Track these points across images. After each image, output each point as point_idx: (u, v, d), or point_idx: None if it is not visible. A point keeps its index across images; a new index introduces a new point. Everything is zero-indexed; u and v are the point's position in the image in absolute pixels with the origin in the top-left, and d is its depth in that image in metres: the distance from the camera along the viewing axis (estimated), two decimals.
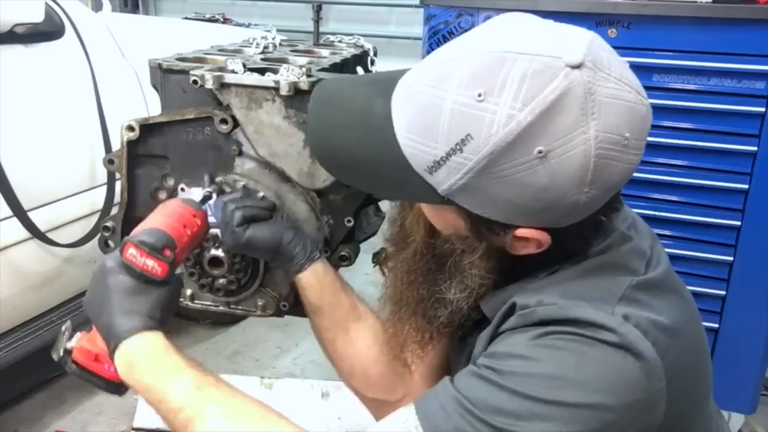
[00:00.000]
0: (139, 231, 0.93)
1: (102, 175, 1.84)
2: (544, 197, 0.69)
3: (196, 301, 1.27)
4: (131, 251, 0.90)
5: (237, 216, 1.03)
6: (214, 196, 1.10)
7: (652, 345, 0.71)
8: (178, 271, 1.22)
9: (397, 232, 0.94)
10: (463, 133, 0.67)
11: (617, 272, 0.78)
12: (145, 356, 0.84)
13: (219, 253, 1.18)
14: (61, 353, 0.93)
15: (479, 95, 0.66)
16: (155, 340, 0.86)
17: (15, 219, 1.62)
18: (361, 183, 0.84)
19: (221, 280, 1.20)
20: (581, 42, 0.68)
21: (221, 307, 1.27)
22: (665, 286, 0.80)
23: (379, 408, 1.07)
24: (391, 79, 0.77)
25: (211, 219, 1.07)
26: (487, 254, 0.80)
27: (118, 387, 0.91)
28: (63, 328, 0.95)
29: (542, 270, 0.80)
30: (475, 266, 0.81)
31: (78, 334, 0.94)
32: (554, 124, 0.65)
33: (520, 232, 0.74)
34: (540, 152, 0.66)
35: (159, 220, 0.96)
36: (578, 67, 0.65)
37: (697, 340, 0.83)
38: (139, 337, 0.85)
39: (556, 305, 0.74)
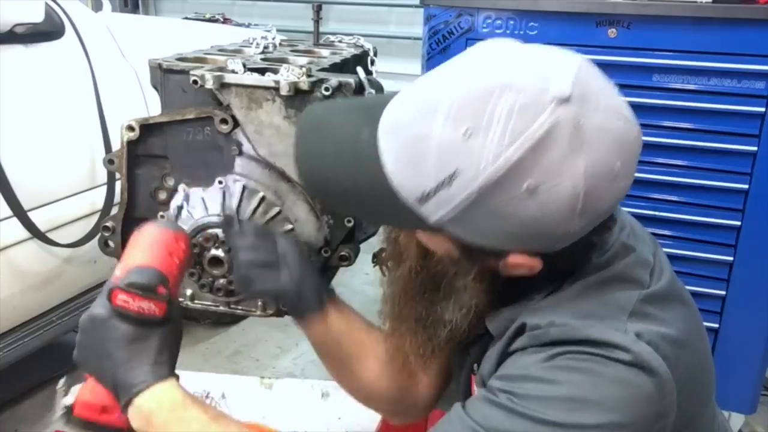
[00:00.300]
0: (125, 272, 0.84)
1: (102, 175, 1.84)
2: (535, 228, 0.69)
3: (196, 301, 1.27)
4: (122, 297, 0.82)
5: (246, 266, 1.03)
6: (185, 204, 1.06)
7: (664, 359, 0.72)
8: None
9: (392, 248, 0.94)
10: (451, 169, 0.67)
11: (624, 285, 0.78)
12: (162, 412, 0.81)
13: (219, 253, 1.18)
14: (62, 413, 0.86)
15: (466, 131, 0.65)
16: (171, 392, 0.83)
17: (15, 219, 1.62)
18: (350, 211, 0.85)
19: (221, 280, 1.20)
20: (569, 72, 0.67)
21: (221, 307, 1.27)
22: (671, 296, 0.80)
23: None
24: (379, 105, 0.76)
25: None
26: (480, 276, 0.80)
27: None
28: (58, 385, 0.91)
29: (543, 287, 0.80)
30: (469, 287, 0.81)
31: (75, 389, 0.87)
32: (542, 159, 0.65)
33: (512, 258, 0.74)
34: (529, 187, 0.65)
35: (142, 254, 0.88)
36: (565, 101, 0.65)
37: (702, 346, 0.83)
38: (151, 392, 0.82)
39: (568, 326, 0.73)
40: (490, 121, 0.65)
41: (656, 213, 1.62)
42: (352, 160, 0.76)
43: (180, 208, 1.11)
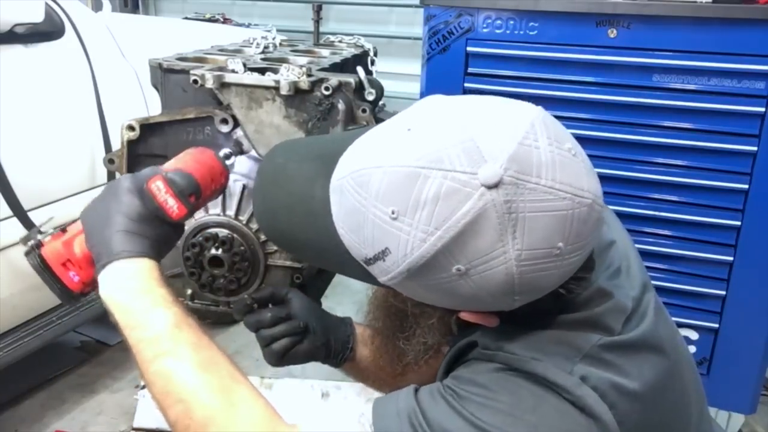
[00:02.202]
0: (172, 168, 0.92)
1: (102, 175, 1.84)
2: (477, 302, 0.68)
3: (196, 301, 1.27)
4: (158, 184, 0.89)
5: (270, 343, 1.07)
6: (233, 157, 1.11)
7: (610, 408, 0.69)
8: (181, 269, 1.22)
9: None
10: (383, 246, 0.67)
11: (587, 329, 0.74)
12: (137, 280, 0.84)
13: (219, 252, 1.18)
14: (31, 243, 0.91)
15: (393, 213, 0.64)
16: (153, 268, 0.86)
17: (15, 219, 1.62)
18: (311, 262, 0.86)
19: (221, 280, 1.20)
20: (505, 147, 0.63)
21: (221, 307, 1.27)
22: (643, 345, 0.76)
23: None
24: (334, 155, 0.75)
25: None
26: (443, 317, 0.80)
27: (71, 297, 0.90)
28: (40, 222, 0.94)
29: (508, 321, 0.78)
30: (434, 328, 0.81)
31: (52, 231, 0.92)
32: (469, 246, 0.63)
33: (464, 315, 0.74)
34: (459, 270, 0.64)
35: (192, 165, 0.95)
36: (495, 186, 0.62)
37: (671, 398, 0.79)
38: (137, 261, 0.85)
39: (516, 356, 0.73)
40: (416, 204, 0.63)
41: (656, 213, 1.62)
42: (305, 215, 0.77)
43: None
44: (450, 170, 0.62)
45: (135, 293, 0.83)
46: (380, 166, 0.66)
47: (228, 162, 1.07)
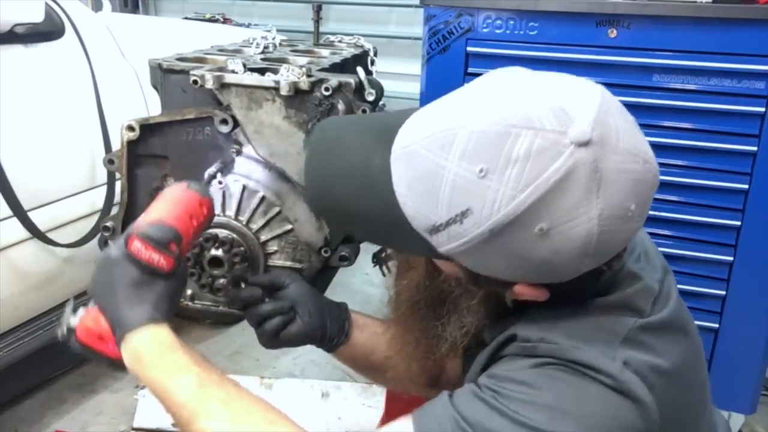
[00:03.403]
0: (144, 222, 0.90)
1: (102, 175, 1.84)
2: (544, 267, 0.69)
3: (196, 301, 1.27)
4: (136, 245, 0.88)
5: (264, 322, 1.09)
6: (219, 175, 1.10)
7: (650, 390, 0.71)
8: None
9: (400, 260, 0.94)
10: (464, 207, 0.66)
11: (622, 312, 0.76)
12: (150, 351, 0.85)
13: (219, 253, 1.18)
14: (65, 331, 0.94)
15: (481, 171, 0.65)
16: (161, 334, 0.86)
17: (15, 219, 1.62)
18: (359, 235, 0.85)
19: (221, 280, 1.20)
20: (590, 111, 0.65)
21: (221, 307, 1.27)
22: (671, 326, 0.78)
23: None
24: (391, 128, 0.75)
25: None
26: (485, 299, 0.80)
27: (122, 364, 0.90)
28: (66, 306, 0.94)
29: (544, 308, 0.79)
30: (473, 310, 0.81)
31: (81, 311, 0.93)
32: (557, 204, 0.64)
33: (518, 288, 0.74)
34: (541, 230, 0.65)
35: (164, 209, 0.93)
36: (584, 144, 0.63)
37: (697, 378, 0.82)
38: (145, 330, 0.85)
39: (558, 345, 0.73)
40: (506, 162, 0.64)
41: (656, 213, 1.62)
42: (363, 185, 0.76)
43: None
44: (540, 129, 0.63)
45: (154, 365, 0.84)
46: (466, 126, 0.66)
47: (216, 180, 1.06)
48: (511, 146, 0.64)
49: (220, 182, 1.19)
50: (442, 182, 0.67)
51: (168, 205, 0.94)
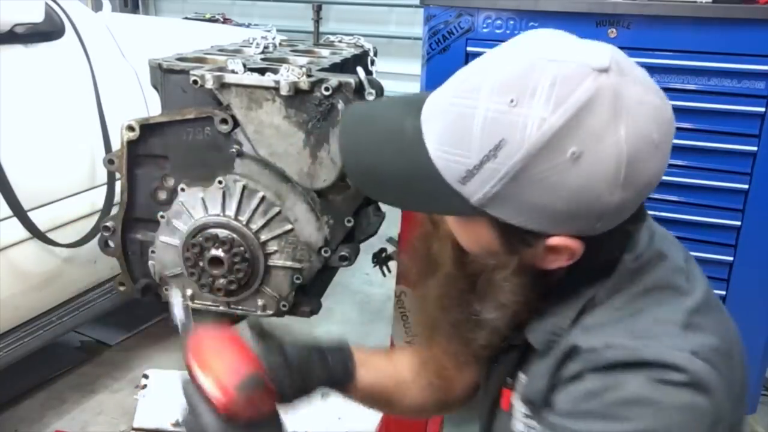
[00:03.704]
0: (229, 385, 0.79)
1: (102, 175, 1.84)
2: (578, 200, 0.69)
3: (196, 301, 1.27)
4: (236, 408, 0.78)
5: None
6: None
7: (718, 375, 0.73)
8: (181, 270, 1.22)
9: (423, 260, 0.93)
10: (497, 139, 0.68)
11: (665, 294, 0.78)
12: None
13: (219, 253, 1.18)
14: None
15: (511, 101, 0.67)
16: None
17: (15, 219, 1.62)
18: (393, 199, 0.83)
19: (221, 280, 1.21)
20: (605, 49, 0.70)
21: (221, 307, 1.27)
22: (711, 304, 0.80)
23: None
24: (420, 99, 0.78)
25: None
26: (519, 270, 0.79)
27: None
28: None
29: (580, 293, 0.80)
30: (508, 281, 0.80)
31: None
32: (586, 125, 0.66)
33: (553, 240, 0.74)
34: (573, 154, 0.66)
35: (231, 361, 0.83)
36: (605, 71, 0.67)
37: (740, 350, 0.85)
38: None
39: (625, 348, 0.73)
40: (534, 90, 0.67)
41: (656, 213, 1.62)
42: (395, 147, 0.77)
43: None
44: (563, 61, 0.68)
45: None
46: (491, 72, 0.71)
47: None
48: (538, 76, 0.67)
49: (220, 182, 1.19)
50: (474, 122, 0.69)
51: (231, 355, 0.85)
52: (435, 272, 0.89)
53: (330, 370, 1.02)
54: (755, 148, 1.53)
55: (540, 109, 0.66)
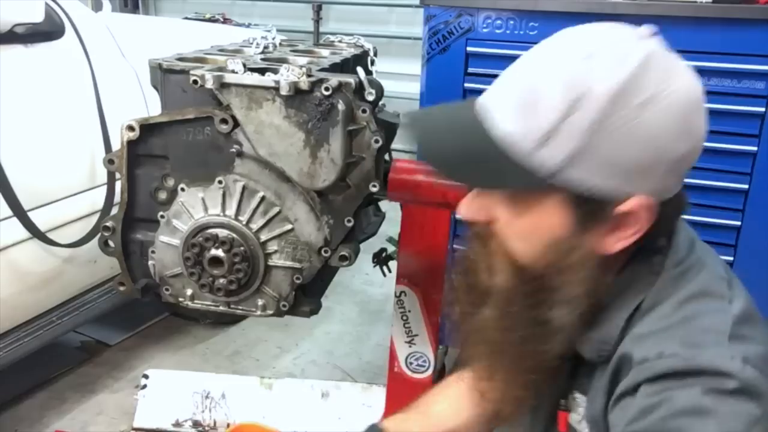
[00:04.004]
0: None
1: (102, 175, 1.84)
2: (650, 149, 0.73)
3: (196, 301, 1.27)
4: None
5: None
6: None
7: (766, 379, 0.74)
8: (181, 270, 1.22)
9: (471, 290, 0.90)
10: (573, 94, 0.71)
11: (708, 301, 0.79)
12: None
13: (219, 252, 1.18)
14: None
15: (585, 56, 0.73)
16: None
17: (15, 219, 1.62)
18: (469, 179, 0.82)
19: (221, 280, 1.21)
20: (643, 26, 0.77)
21: (221, 307, 1.27)
22: (753, 313, 0.81)
23: None
24: (469, 99, 0.83)
25: None
26: (583, 259, 0.79)
27: None
28: None
29: (625, 302, 0.80)
30: (574, 271, 0.79)
31: None
32: (648, 77, 0.72)
33: (625, 205, 0.76)
34: (642, 101, 0.71)
35: None
36: (652, 35, 0.76)
37: None
38: None
39: (678, 356, 0.74)
40: (599, 48, 0.74)
41: None
42: (464, 130, 0.80)
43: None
44: (613, 33, 0.77)
45: None
46: (549, 43, 0.79)
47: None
48: (599, 37, 0.76)
49: (220, 182, 1.19)
50: (547, 84, 0.73)
51: None
52: (486, 298, 0.87)
53: None
54: (755, 148, 1.53)
55: (610, 62, 0.72)
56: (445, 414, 1.08)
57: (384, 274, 1.55)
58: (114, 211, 1.43)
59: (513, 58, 0.85)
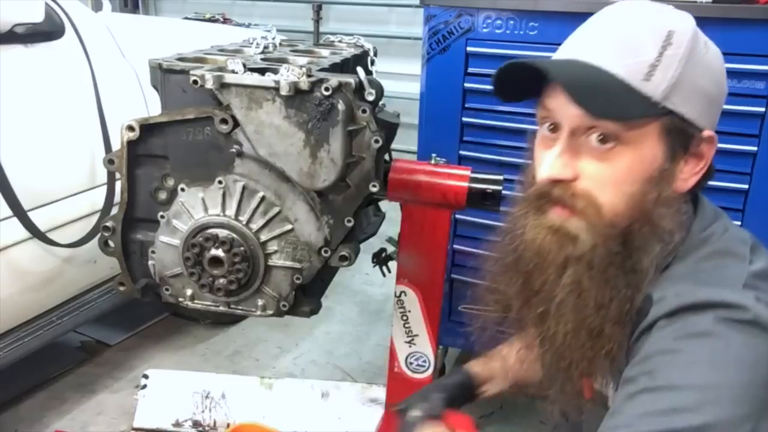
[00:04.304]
0: None
1: (102, 175, 1.84)
2: (717, 82, 0.86)
3: (196, 301, 1.27)
4: None
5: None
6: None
7: None
8: (181, 270, 1.22)
9: (541, 267, 0.89)
10: (665, 30, 0.83)
11: (729, 259, 0.85)
12: None
13: (219, 252, 1.18)
14: None
15: (656, 11, 0.86)
16: None
17: (15, 219, 1.62)
18: (599, 108, 0.82)
19: (221, 280, 1.21)
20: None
21: (221, 307, 1.27)
22: None
23: None
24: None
25: None
26: (671, 194, 0.86)
27: None
28: None
29: (652, 263, 0.85)
30: (666, 207, 0.85)
31: None
32: (701, 34, 0.86)
33: (706, 132, 0.86)
34: (705, 42, 0.86)
35: None
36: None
37: None
38: None
39: (694, 293, 0.80)
40: (662, 7, 0.87)
41: None
42: (586, 69, 0.84)
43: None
44: None
45: None
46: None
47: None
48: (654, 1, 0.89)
49: (220, 182, 1.19)
50: (638, 31, 0.84)
51: None
52: (561, 269, 0.87)
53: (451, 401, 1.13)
54: (755, 148, 1.53)
55: (676, 14, 0.86)
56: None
57: (384, 274, 1.55)
58: (114, 211, 1.44)
59: (513, 58, 0.85)
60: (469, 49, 1.69)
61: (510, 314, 0.98)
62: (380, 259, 1.53)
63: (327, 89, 1.11)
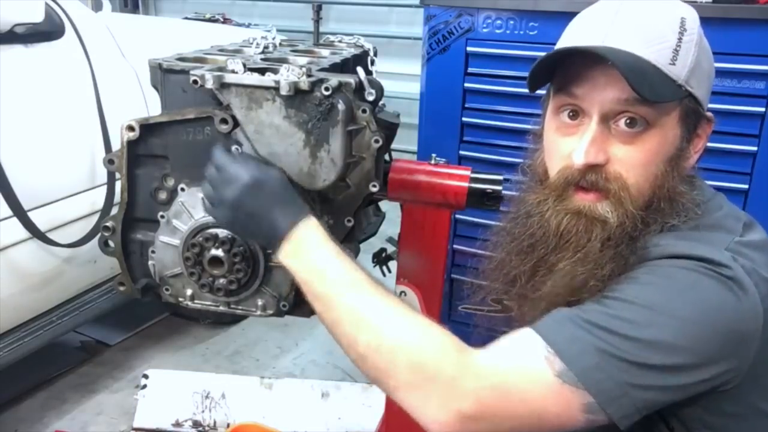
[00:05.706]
0: None
1: (102, 175, 1.84)
2: (712, 66, 0.93)
3: (196, 301, 1.27)
4: None
5: None
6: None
7: (757, 293, 0.79)
8: (181, 270, 1.22)
9: (563, 246, 0.92)
10: (678, 21, 0.87)
11: (718, 232, 0.87)
12: (315, 237, 0.96)
13: (219, 252, 1.18)
14: None
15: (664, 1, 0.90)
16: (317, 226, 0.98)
17: (15, 219, 1.62)
18: (645, 89, 0.85)
19: (221, 280, 1.20)
20: None
21: (221, 307, 1.27)
22: (764, 247, 0.88)
23: None
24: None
25: None
26: (686, 171, 0.92)
27: None
28: None
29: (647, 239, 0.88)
30: (683, 183, 0.89)
31: None
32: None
33: (708, 114, 0.93)
34: (699, 27, 0.90)
35: None
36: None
37: None
38: (306, 222, 0.98)
39: (672, 245, 0.84)
40: None
41: None
42: (625, 56, 0.87)
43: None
44: None
45: (321, 248, 0.97)
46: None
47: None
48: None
49: None
50: (656, 20, 0.87)
51: None
52: (577, 249, 0.90)
53: None
54: (755, 148, 1.53)
55: (680, 3, 0.91)
56: None
57: (384, 274, 1.55)
58: (114, 211, 1.43)
59: (513, 58, 0.86)
60: (469, 49, 1.69)
61: (514, 288, 1.00)
62: (380, 259, 1.53)
63: (327, 89, 1.11)
